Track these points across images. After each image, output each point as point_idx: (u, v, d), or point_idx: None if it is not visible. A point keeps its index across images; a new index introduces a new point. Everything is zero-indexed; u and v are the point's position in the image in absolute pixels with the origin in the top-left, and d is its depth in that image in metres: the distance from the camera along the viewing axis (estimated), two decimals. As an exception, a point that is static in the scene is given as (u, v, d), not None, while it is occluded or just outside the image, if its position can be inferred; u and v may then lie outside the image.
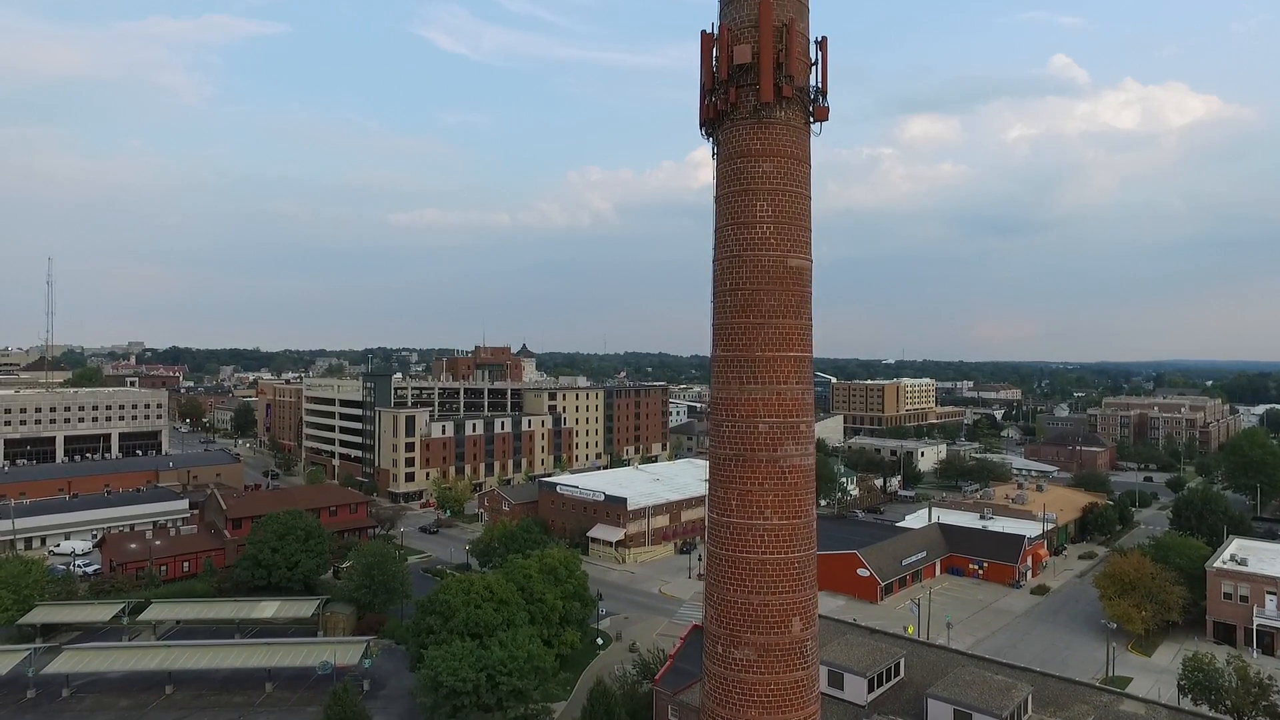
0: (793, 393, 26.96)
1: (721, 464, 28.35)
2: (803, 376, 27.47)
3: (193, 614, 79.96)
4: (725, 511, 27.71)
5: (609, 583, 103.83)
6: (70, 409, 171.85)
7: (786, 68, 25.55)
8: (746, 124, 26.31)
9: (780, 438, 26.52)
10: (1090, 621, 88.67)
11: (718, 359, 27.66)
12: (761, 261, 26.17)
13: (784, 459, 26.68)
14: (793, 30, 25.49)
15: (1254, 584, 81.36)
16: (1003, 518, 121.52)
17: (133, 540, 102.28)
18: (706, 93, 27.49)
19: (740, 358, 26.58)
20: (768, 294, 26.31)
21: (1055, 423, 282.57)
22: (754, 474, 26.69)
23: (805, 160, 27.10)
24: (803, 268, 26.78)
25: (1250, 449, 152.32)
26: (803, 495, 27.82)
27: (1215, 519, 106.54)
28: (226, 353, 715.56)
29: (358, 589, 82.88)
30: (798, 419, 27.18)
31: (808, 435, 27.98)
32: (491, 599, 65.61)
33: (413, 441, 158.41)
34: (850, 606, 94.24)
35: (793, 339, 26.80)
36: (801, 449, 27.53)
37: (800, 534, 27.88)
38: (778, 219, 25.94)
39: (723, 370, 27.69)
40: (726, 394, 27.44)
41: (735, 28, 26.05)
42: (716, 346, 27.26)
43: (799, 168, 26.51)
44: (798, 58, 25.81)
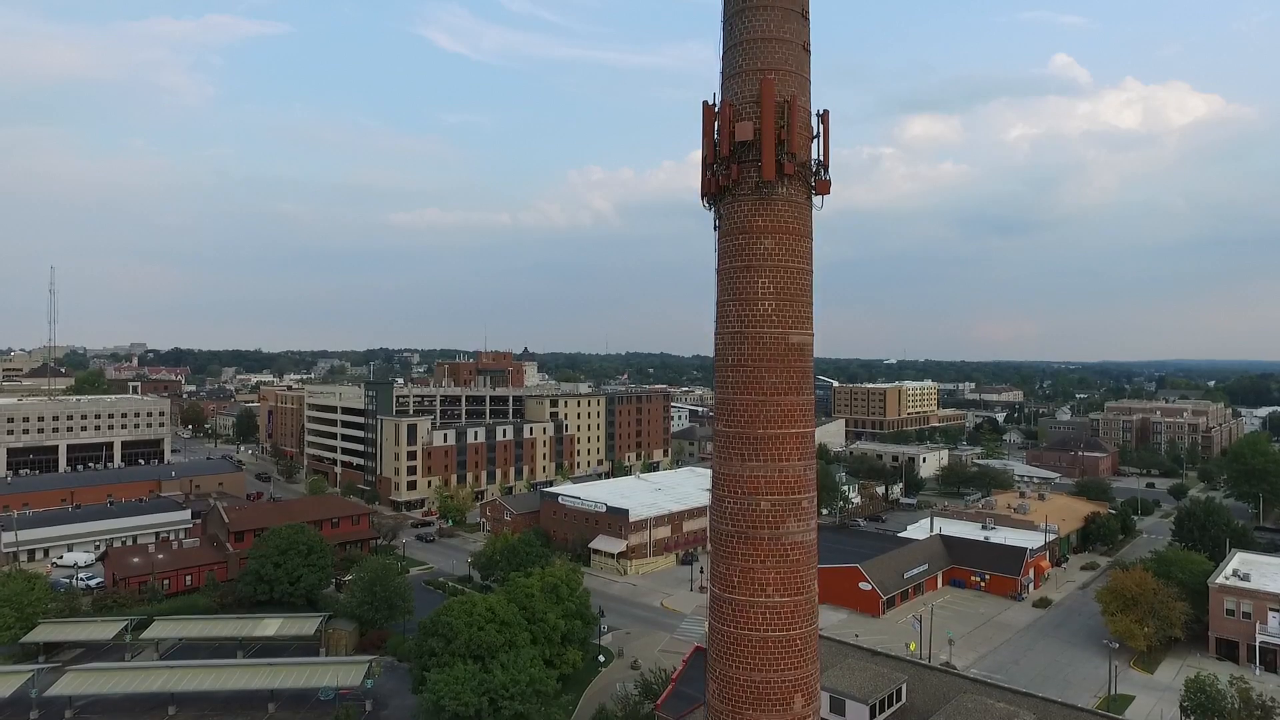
0: (795, 469, 26.98)
1: (723, 540, 28.34)
2: (805, 453, 27.47)
3: (195, 632, 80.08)
4: (727, 588, 27.71)
5: (611, 595, 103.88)
6: (73, 417, 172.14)
7: (788, 145, 25.53)
8: (748, 200, 26.30)
9: (782, 515, 26.56)
10: (1092, 636, 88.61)
11: (719, 434, 27.63)
12: (763, 339, 26.18)
13: (786, 536, 26.70)
14: (794, 106, 25.47)
15: (1257, 600, 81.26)
16: (1005, 528, 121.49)
17: (135, 554, 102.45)
18: (708, 166, 27.47)
19: (742, 434, 26.59)
20: (770, 371, 26.32)
21: (1057, 426, 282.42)
22: (756, 551, 26.65)
23: (807, 235, 27.09)
24: (805, 344, 26.79)
25: (1252, 456, 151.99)
26: (805, 572, 27.82)
27: (1217, 531, 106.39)
28: (228, 354, 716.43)
29: (360, 605, 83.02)
30: (800, 495, 27.20)
31: (809, 511, 27.98)
32: (494, 620, 65.59)
33: (414, 450, 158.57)
34: (852, 620, 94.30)
35: (795, 416, 26.80)
36: (803, 525, 27.55)
37: (802, 611, 27.90)
38: (779, 296, 25.94)
39: (724, 446, 27.71)
40: (728, 470, 27.45)
41: (737, 103, 26.01)
42: (719, 421, 27.24)
43: (801, 243, 26.50)
44: (799, 133, 25.80)
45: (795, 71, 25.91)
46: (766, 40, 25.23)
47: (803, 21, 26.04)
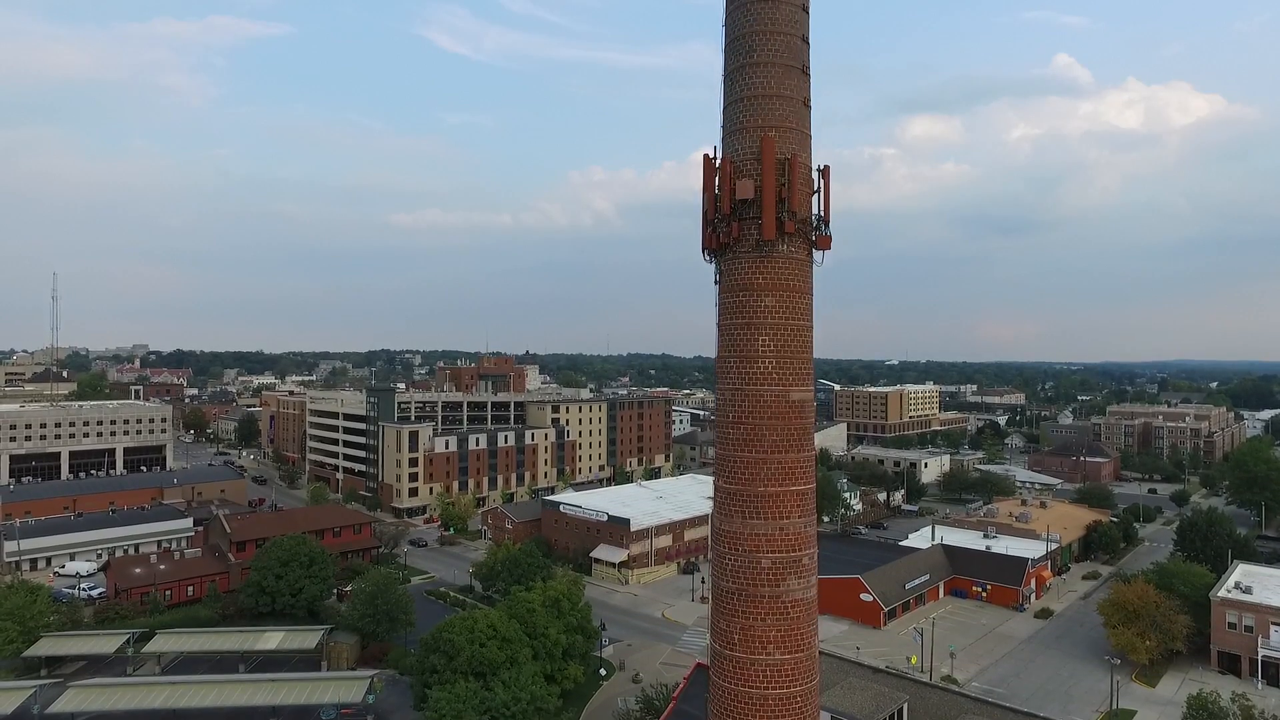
0: (795, 527, 26.94)
1: (724, 597, 28.33)
2: (806, 510, 27.43)
3: (197, 646, 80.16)
4: (728, 645, 27.67)
5: (612, 606, 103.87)
6: (75, 424, 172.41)
7: (789, 202, 25.46)
8: (749, 257, 26.28)
9: (783, 573, 26.51)
10: (1094, 648, 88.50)
11: (720, 489, 27.62)
12: (764, 396, 26.12)
13: (786, 594, 26.68)
14: (795, 163, 25.40)
15: (1259, 614, 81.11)
16: (1006, 536, 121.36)
17: (137, 564, 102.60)
18: (709, 221, 27.43)
19: (743, 492, 26.58)
20: (770, 429, 26.27)
21: (1059, 430, 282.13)
22: (756, 609, 26.61)
23: (808, 291, 27.04)
24: (805, 401, 26.79)
25: (1255, 464, 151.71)
26: (805, 629, 27.78)
27: (1220, 542, 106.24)
28: (230, 355, 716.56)
29: (361, 618, 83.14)
30: (800, 553, 27.17)
31: (810, 569, 27.95)
32: (495, 637, 65.69)
33: (416, 456, 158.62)
34: (853, 632, 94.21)
35: (796, 474, 26.78)
36: (804, 583, 27.52)
37: (802, 668, 27.86)
38: (780, 353, 25.89)
39: (725, 502, 27.70)
40: (729, 527, 27.43)
41: (737, 160, 25.93)
42: (719, 477, 27.22)
43: (801, 300, 26.45)
44: (800, 191, 25.74)
45: (796, 128, 25.85)
46: (767, 97, 25.19)
47: (803, 77, 25.97)
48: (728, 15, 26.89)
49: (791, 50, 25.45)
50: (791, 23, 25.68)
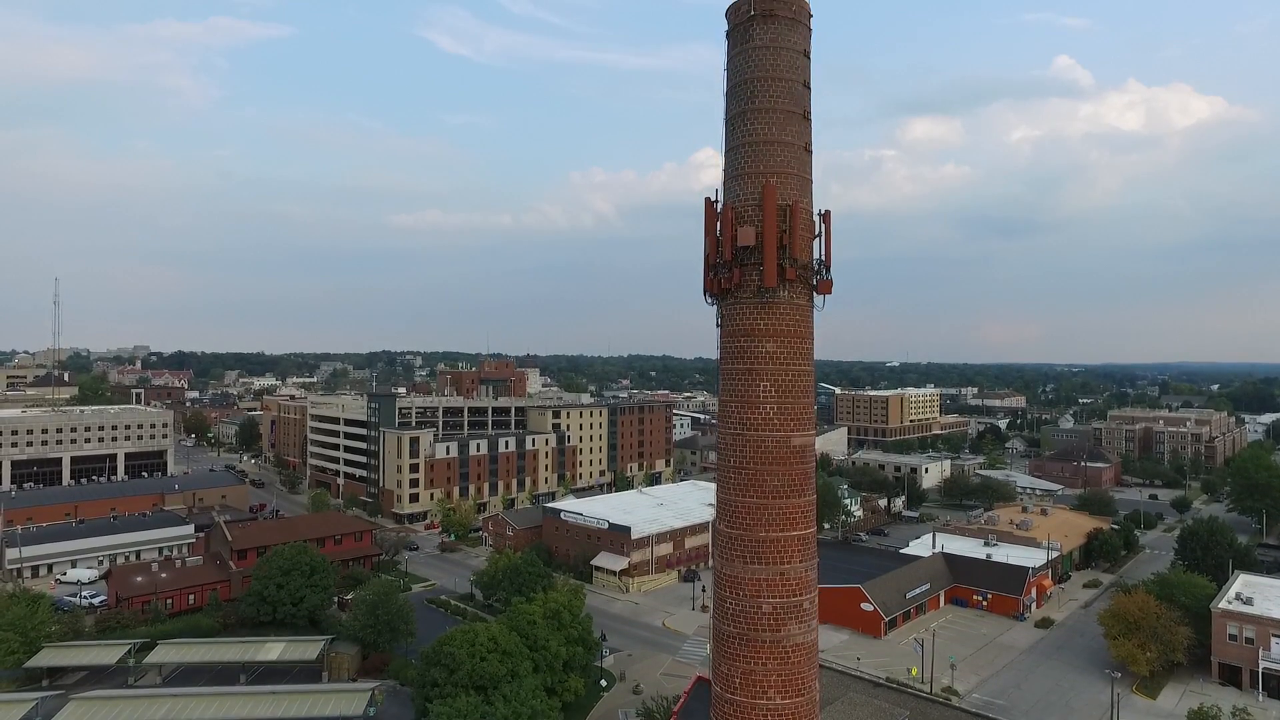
0: (796, 572, 26.99)
1: (725, 641, 28.36)
2: (806, 555, 27.48)
3: (198, 656, 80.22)
4: (729, 688, 27.66)
5: (612, 614, 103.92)
6: (76, 429, 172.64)
7: (790, 249, 25.48)
8: (750, 303, 26.29)
9: (784, 618, 26.53)
10: (1094, 659, 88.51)
11: (721, 533, 27.67)
12: (765, 442, 26.15)
13: (787, 639, 26.69)
14: (796, 210, 25.42)
15: (1260, 626, 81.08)
16: (1007, 544, 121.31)
17: (139, 572, 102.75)
18: (710, 265, 27.45)
19: (744, 537, 26.60)
20: (771, 474, 26.28)
21: (1060, 434, 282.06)
22: (757, 654, 26.60)
23: (809, 336, 27.07)
24: (806, 446, 26.86)
25: (1256, 471, 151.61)
26: (806, 673, 27.80)
27: (1220, 551, 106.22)
28: (231, 357, 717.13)
29: (362, 628, 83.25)
30: (801, 597, 27.20)
31: (811, 613, 27.97)
32: (496, 650, 65.72)
33: (417, 462, 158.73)
34: (854, 642, 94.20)
35: (797, 519, 26.82)
36: (804, 627, 27.54)
37: (803, 712, 27.86)
38: (781, 399, 25.93)
39: (726, 547, 27.75)
40: (730, 571, 27.49)
41: (739, 206, 25.92)
42: (721, 521, 27.27)
43: (803, 345, 26.49)
44: (801, 237, 25.79)
45: (797, 174, 25.86)
46: (768, 144, 25.17)
47: (804, 122, 25.97)
48: (729, 60, 26.91)
49: (793, 96, 25.46)
50: (792, 68, 25.69)
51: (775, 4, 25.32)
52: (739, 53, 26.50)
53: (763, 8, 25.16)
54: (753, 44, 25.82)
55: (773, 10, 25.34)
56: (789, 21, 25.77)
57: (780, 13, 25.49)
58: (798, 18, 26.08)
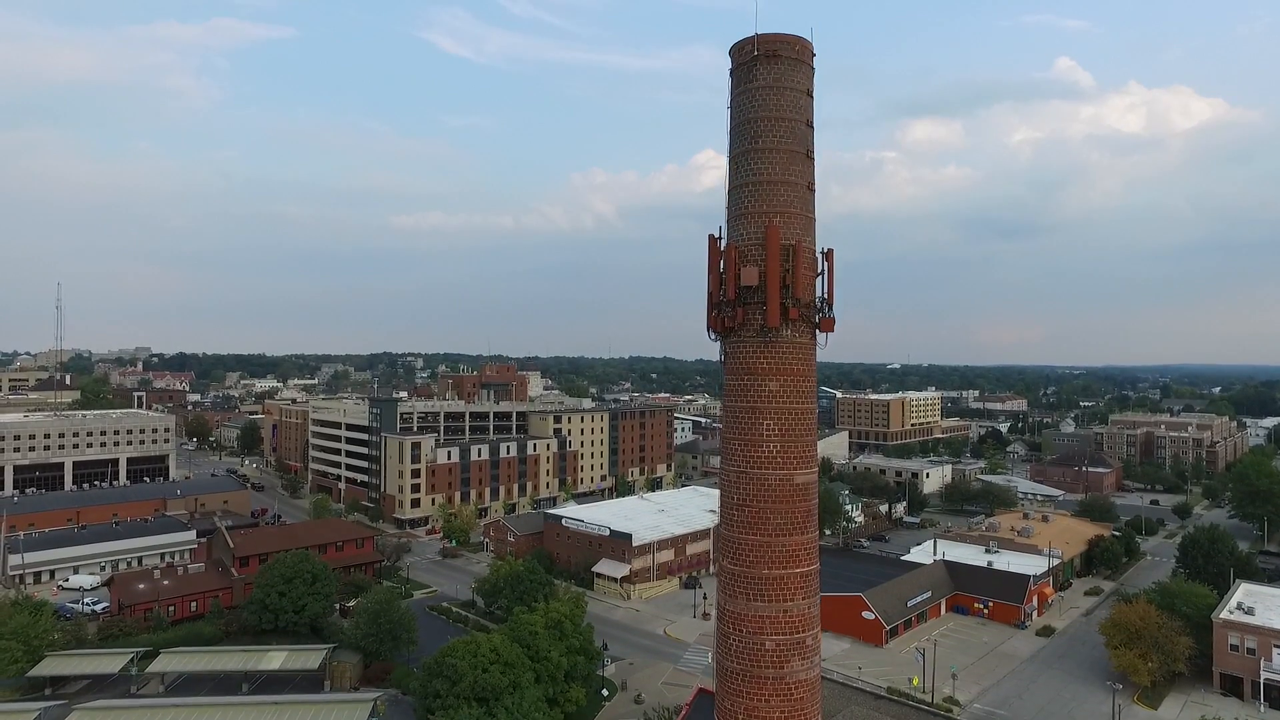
0: (799, 609, 27.10)
1: (728, 677, 28.47)
2: (809, 591, 27.59)
3: (201, 665, 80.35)
4: None
5: (614, 622, 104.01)
6: (79, 434, 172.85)
7: (793, 289, 25.64)
8: (754, 342, 26.45)
9: (786, 655, 26.65)
10: (1096, 668, 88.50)
11: (725, 569, 27.79)
12: (768, 480, 26.29)
13: (790, 675, 26.80)
14: (799, 249, 25.57)
15: (1261, 636, 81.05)
16: (1008, 552, 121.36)
17: (141, 580, 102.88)
18: (714, 304, 27.59)
19: (747, 574, 26.75)
20: (775, 513, 26.42)
21: (1061, 439, 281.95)
22: (760, 690, 26.68)
23: (811, 374, 27.23)
24: (809, 484, 26.98)
25: (1257, 478, 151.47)
26: (808, 709, 27.90)
27: (1222, 559, 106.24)
28: (232, 358, 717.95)
29: (364, 637, 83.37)
30: (804, 634, 27.32)
31: (814, 649, 28.10)
32: (498, 661, 65.87)
33: (418, 468, 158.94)
34: (855, 650, 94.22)
35: (800, 556, 26.96)
36: (807, 664, 27.67)
37: None
38: (784, 437, 26.10)
39: (730, 583, 27.89)
40: (734, 608, 27.61)
41: (742, 245, 26.09)
42: (724, 557, 27.39)
43: (805, 383, 26.66)
44: (804, 276, 25.94)
45: (800, 213, 26.01)
46: (772, 183, 25.31)
47: (807, 161, 26.11)
48: (733, 99, 27.08)
49: (796, 136, 25.60)
50: (796, 108, 25.83)
51: (779, 45, 25.49)
52: (742, 92, 26.67)
53: (766, 49, 25.33)
54: (756, 84, 25.99)
55: (776, 51, 25.51)
56: (792, 62, 25.91)
57: (783, 53, 25.65)
58: (801, 58, 26.22)
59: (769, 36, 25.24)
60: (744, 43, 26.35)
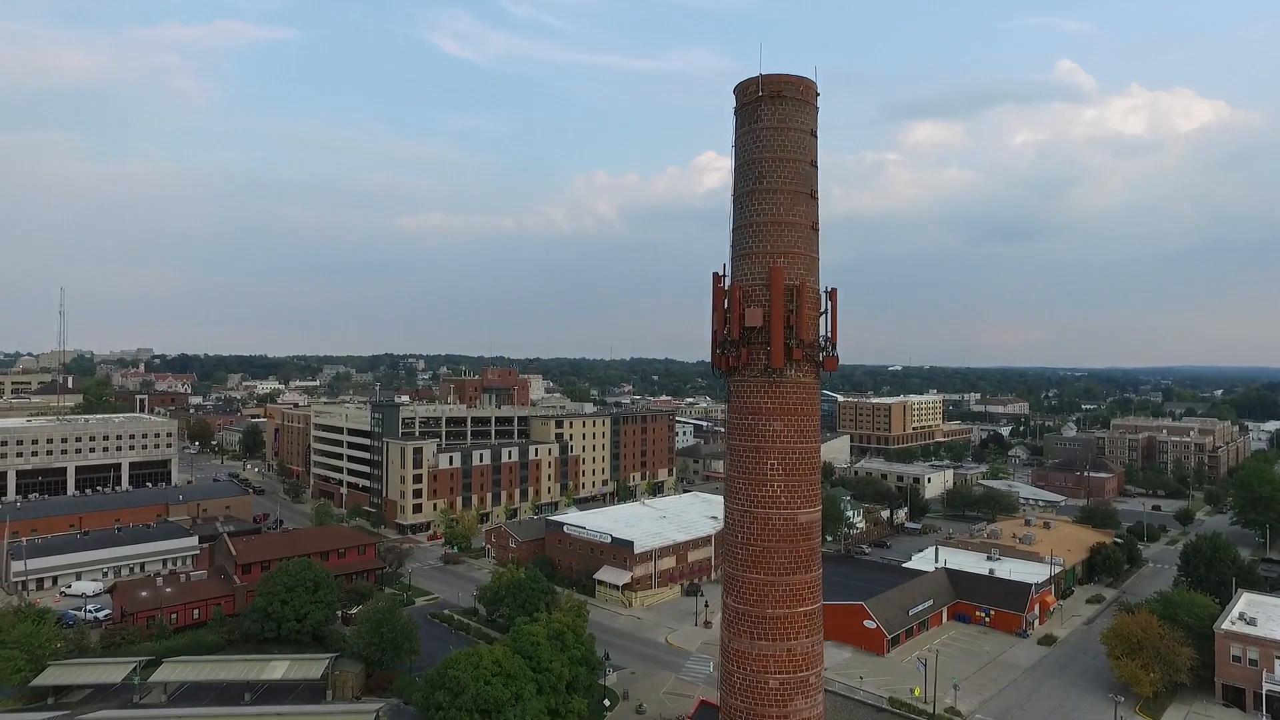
0: (803, 648, 27.22)
1: (732, 715, 28.60)
2: (813, 629, 27.71)
3: (203, 675, 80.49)
4: None
5: (615, 630, 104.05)
6: (81, 439, 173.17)
7: (797, 330, 25.76)
8: (758, 382, 26.58)
9: (790, 694, 26.75)
10: (1097, 678, 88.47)
11: (729, 607, 27.92)
12: (772, 520, 26.40)
13: (793, 714, 26.93)
14: (804, 290, 25.69)
15: (1263, 648, 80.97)
16: (1010, 559, 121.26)
17: (144, 587, 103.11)
18: (718, 342, 27.71)
19: (751, 613, 26.87)
20: (778, 552, 26.51)
21: (1063, 443, 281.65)
22: None
23: (815, 413, 27.38)
24: (812, 522, 27.09)
25: (1259, 485, 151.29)
26: None
27: (1224, 568, 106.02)
28: (234, 359, 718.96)
29: (366, 646, 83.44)
30: (807, 672, 27.45)
31: (817, 687, 28.23)
32: (500, 673, 65.87)
33: (420, 473, 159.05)
34: (856, 659, 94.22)
35: (804, 594, 27.06)
36: (810, 702, 27.80)
37: None
38: (788, 476, 26.23)
39: (733, 621, 28.00)
40: (737, 646, 27.73)
41: (746, 285, 26.21)
42: (728, 594, 27.50)
43: (809, 422, 26.79)
44: (807, 316, 26.05)
45: (804, 253, 26.12)
46: (776, 224, 25.41)
47: (811, 201, 26.22)
48: (737, 139, 27.20)
49: (800, 176, 25.71)
50: (800, 148, 25.94)
51: (783, 86, 25.60)
52: (747, 132, 26.77)
53: (771, 89, 25.45)
54: (761, 124, 26.07)
55: (780, 92, 25.62)
56: (796, 102, 26.02)
57: (788, 94, 25.76)
58: (805, 98, 26.32)
59: (773, 78, 25.37)
60: (748, 83, 26.46)
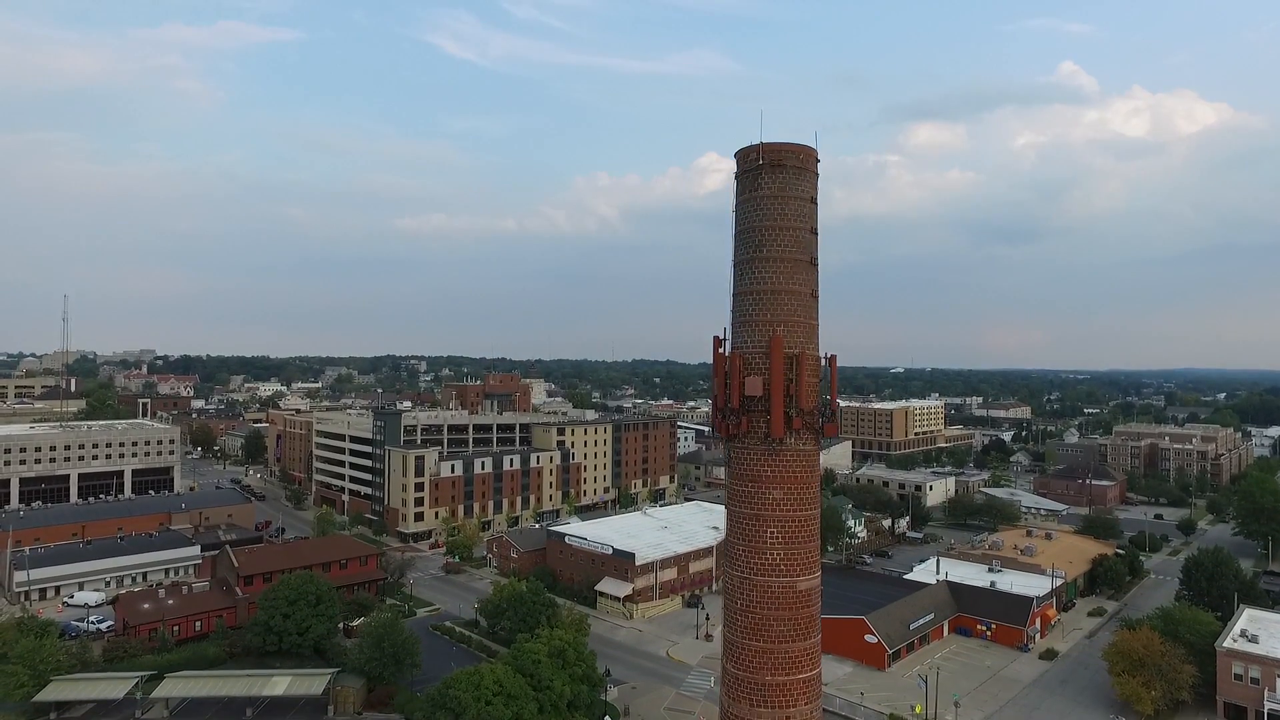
0: (801, 715, 27.28)
1: None
2: (812, 696, 27.79)
3: (205, 690, 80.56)
4: None
5: (616, 643, 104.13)
6: (84, 446, 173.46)
7: (797, 399, 25.87)
8: (758, 449, 26.70)
9: None
10: (1099, 694, 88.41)
11: (728, 672, 28.00)
12: (772, 588, 26.50)
13: None
14: (803, 359, 25.81)
15: (1265, 666, 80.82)
16: (1011, 571, 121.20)
17: (146, 599, 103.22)
18: (719, 409, 27.79)
19: (750, 679, 26.97)
20: (777, 619, 26.59)
21: (1065, 449, 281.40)
22: None
23: (815, 480, 27.47)
24: (812, 589, 27.17)
25: (1261, 495, 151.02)
26: None
27: (1225, 582, 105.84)
28: (236, 360, 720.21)
29: (368, 661, 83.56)
30: None
31: None
32: (501, 693, 66.09)
33: (422, 481, 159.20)
34: (857, 674, 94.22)
35: (802, 662, 27.13)
36: None
37: None
38: (788, 544, 26.36)
39: (732, 687, 28.08)
40: (737, 712, 27.82)
41: (746, 353, 26.30)
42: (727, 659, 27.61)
43: (808, 490, 26.88)
44: (808, 384, 26.17)
45: (804, 320, 26.25)
46: (776, 293, 25.55)
47: (811, 269, 26.38)
48: (738, 204, 27.30)
49: (800, 244, 25.84)
50: (800, 216, 26.06)
51: (783, 155, 25.72)
52: (747, 199, 26.88)
53: (771, 158, 25.56)
54: (761, 192, 26.17)
55: (781, 160, 25.72)
56: (796, 170, 26.12)
57: (788, 162, 25.87)
58: (805, 166, 26.44)
59: (774, 146, 25.48)
60: (749, 150, 26.58)
